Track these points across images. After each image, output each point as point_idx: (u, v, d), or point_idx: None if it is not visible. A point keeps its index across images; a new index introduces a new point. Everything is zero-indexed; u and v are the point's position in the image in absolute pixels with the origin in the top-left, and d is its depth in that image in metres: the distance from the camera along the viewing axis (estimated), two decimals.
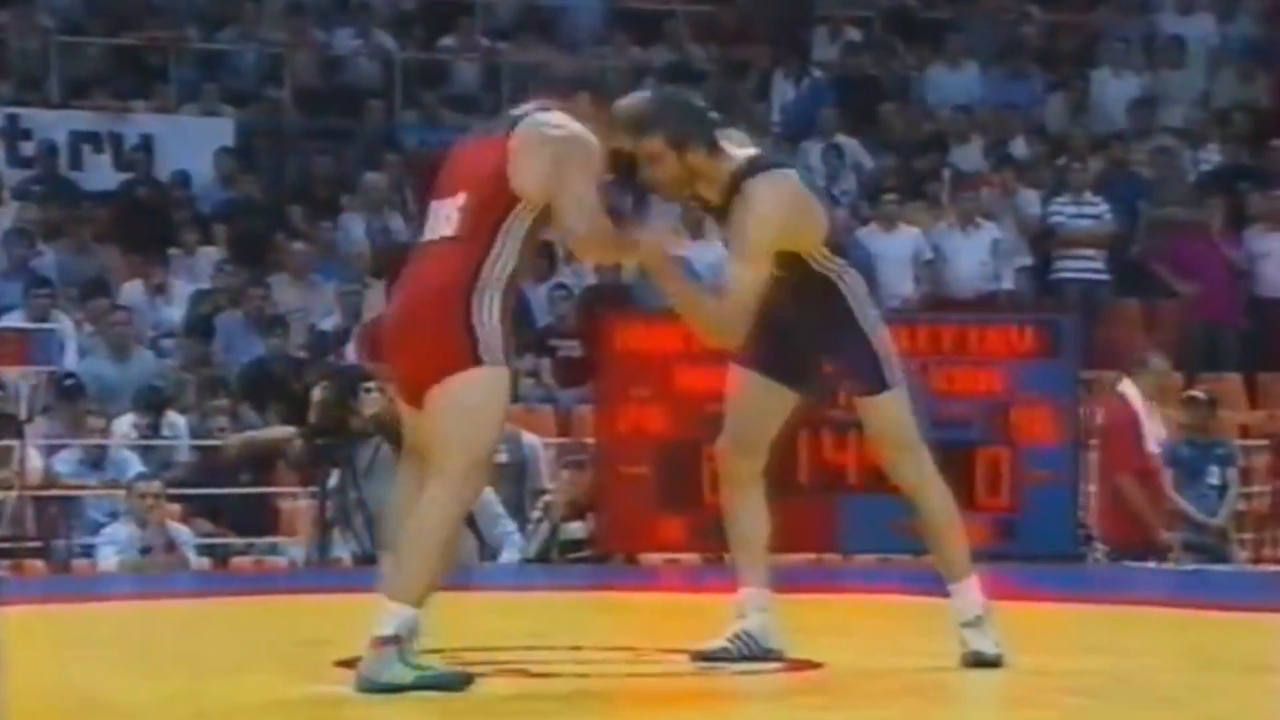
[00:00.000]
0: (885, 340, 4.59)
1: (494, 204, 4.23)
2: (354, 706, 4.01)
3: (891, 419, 4.60)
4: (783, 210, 4.43)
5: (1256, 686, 4.31)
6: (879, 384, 4.59)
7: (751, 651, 4.51)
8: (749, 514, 4.63)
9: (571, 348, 11.08)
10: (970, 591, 4.58)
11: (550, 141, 4.30)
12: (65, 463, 9.51)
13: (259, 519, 9.62)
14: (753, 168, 4.49)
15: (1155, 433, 9.02)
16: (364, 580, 7.54)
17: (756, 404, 4.63)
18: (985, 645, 4.49)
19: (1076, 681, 4.35)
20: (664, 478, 8.34)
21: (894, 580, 7.54)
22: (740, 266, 4.42)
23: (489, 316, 4.15)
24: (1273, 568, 8.37)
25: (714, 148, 4.53)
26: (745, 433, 4.63)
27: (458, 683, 4.13)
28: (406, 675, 4.07)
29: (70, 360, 10.30)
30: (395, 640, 4.09)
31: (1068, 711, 3.87)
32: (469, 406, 4.14)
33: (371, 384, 8.58)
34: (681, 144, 4.50)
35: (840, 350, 4.58)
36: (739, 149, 4.55)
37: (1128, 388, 9.08)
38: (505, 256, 4.21)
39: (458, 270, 4.17)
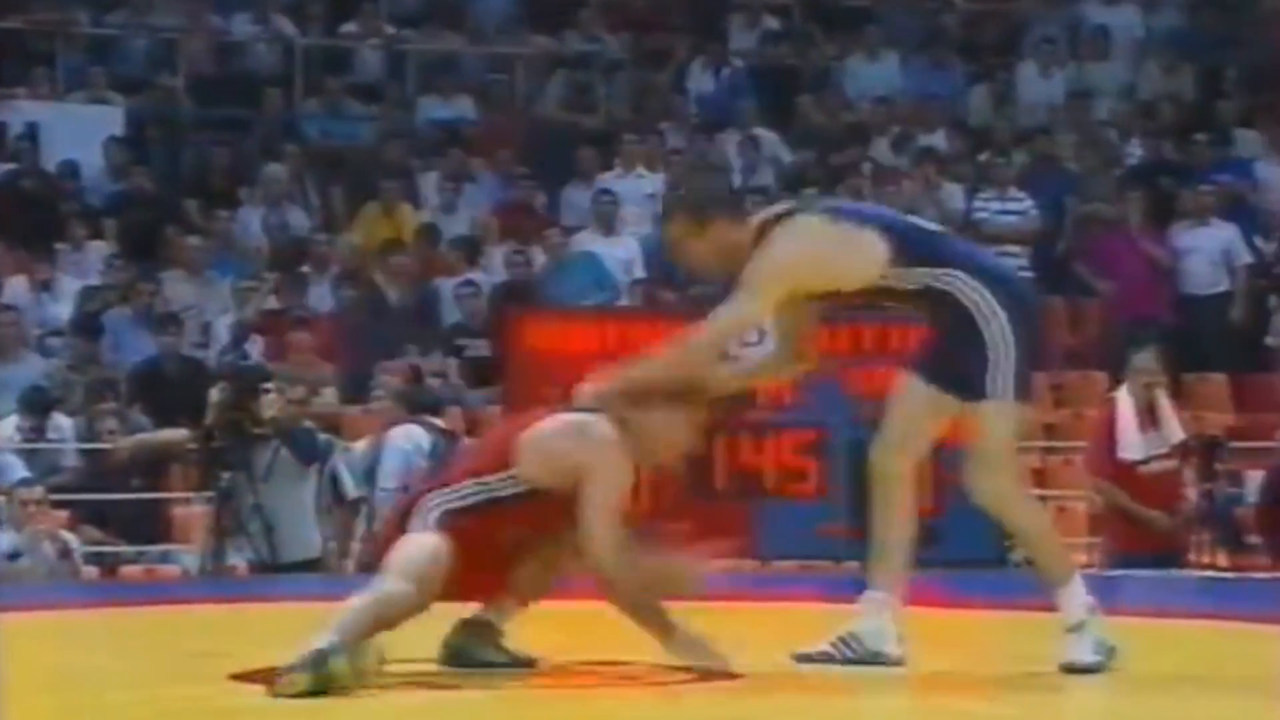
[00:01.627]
0: (1006, 349, 4.56)
1: None
2: (249, 718, 3.97)
3: (982, 430, 4.63)
4: (798, 252, 4.51)
5: (1172, 696, 4.36)
6: (978, 392, 4.60)
7: (857, 655, 4.56)
8: (890, 514, 4.61)
9: (480, 347, 11.05)
10: (1072, 597, 4.57)
11: None
12: None
13: (150, 526, 9.51)
14: (775, 219, 4.58)
15: (1149, 437, 8.94)
16: (260, 590, 7.49)
17: (917, 407, 4.74)
18: (1079, 654, 4.51)
19: (995, 691, 4.38)
20: None
21: (814, 587, 7.56)
22: (736, 298, 4.52)
23: None
24: (1200, 572, 8.48)
25: (736, 216, 4.60)
26: (902, 432, 4.72)
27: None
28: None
29: None
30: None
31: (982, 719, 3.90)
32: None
33: (271, 385, 8.51)
34: (701, 220, 4.56)
35: (958, 353, 4.61)
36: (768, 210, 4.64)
37: (1121, 393, 9.12)
38: None
39: None
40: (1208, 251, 11.82)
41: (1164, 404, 9.09)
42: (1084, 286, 12.14)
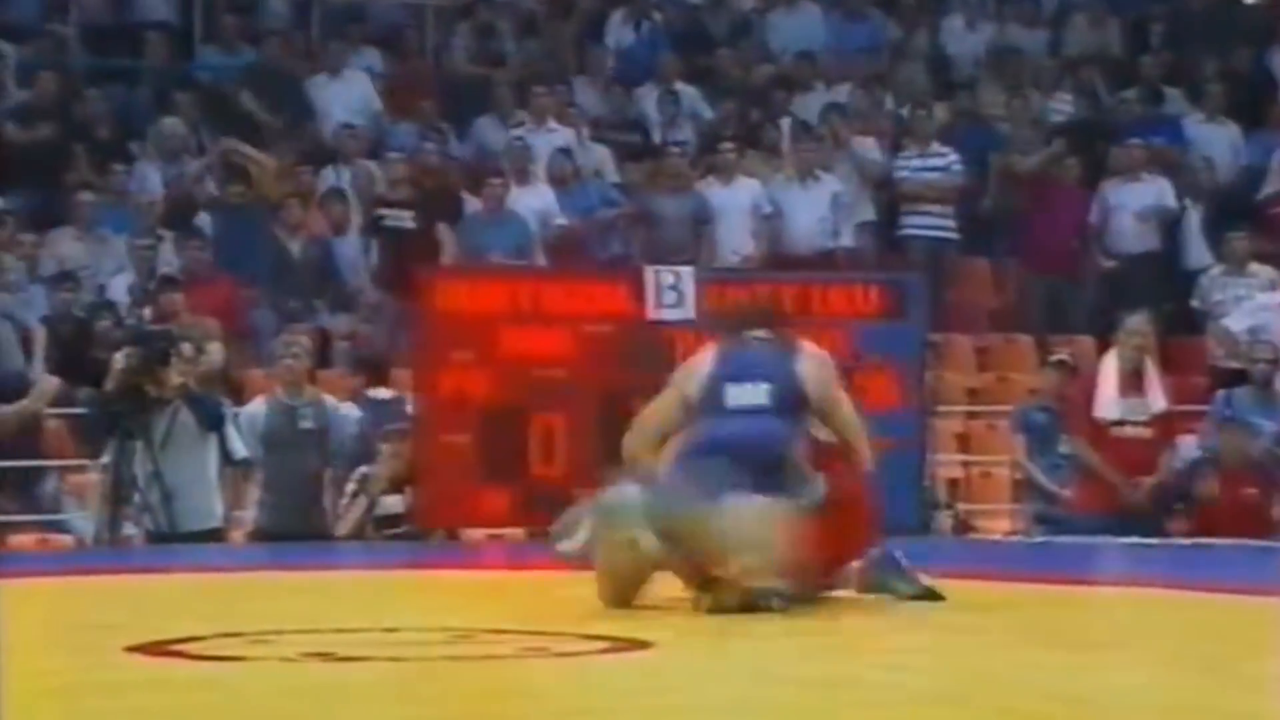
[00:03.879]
0: None
1: None
2: (144, 692, 4.00)
3: None
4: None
5: (1083, 664, 4.48)
6: None
7: None
8: None
9: (386, 305, 11.05)
10: None
11: None
12: None
13: (35, 493, 9.46)
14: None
15: (1129, 401, 9.05)
16: (158, 560, 7.50)
17: None
18: None
19: (903, 658, 4.48)
20: (487, 447, 8.37)
21: None
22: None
23: None
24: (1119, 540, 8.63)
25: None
26: None
27: None
28: None
29: None
30: None
31: (884, 689, 4.00)
32: None
33: (185, 349, 8.49)
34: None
35: None
36: None
37: (1109, 354, 9.23)
38: None
39: None
40: (1137, 208, 11.96)
41: (1151, 371, 9.21)
42: (1010, 246, 12.26)
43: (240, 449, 8.73)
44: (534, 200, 11.52)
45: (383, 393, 9.44)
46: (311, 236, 11.39)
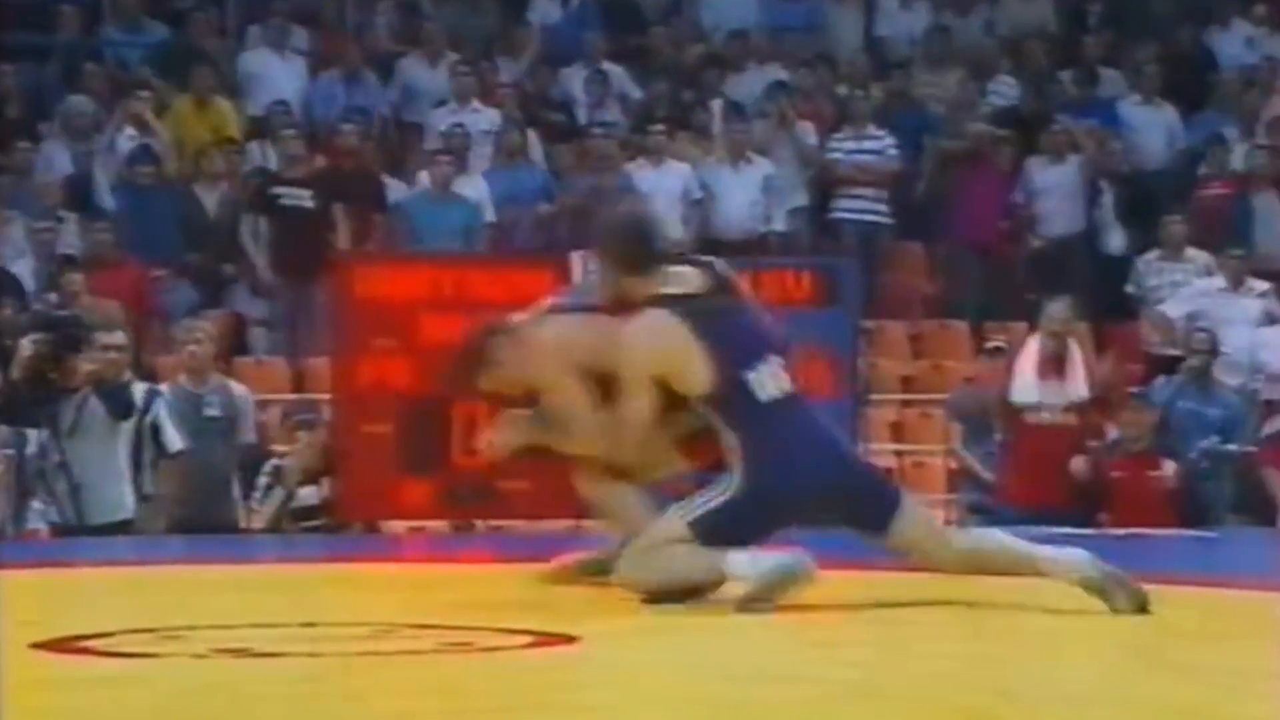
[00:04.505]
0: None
1: None
2: (50, 691, 3.96)
3: None
4: (643, 346, 5.20)
5: (1021, 659, 4.51)
6: None
7: None
8: None
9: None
10: None
11: None
12: None
13: None
14: (649, 301, 5.21)
15: (1048, 385, 9.12)
16: (64, 553, 7.42)
17: None
18: None
19: (843, 651, 4.50)
20: (408, 438, 8.34)
21: None
22: (623, 398, 5.23)
23: None
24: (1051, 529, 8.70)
25: (650, 275, 5.26)
26: None
27: None
28: None
29: None
30: None
31: (823, 683, 4.01)
32: None
33: (97, 337, 8.40)
34: (617, 267, 5.28)
35: None
36: (671, 281, 5.26)
37: (1031, 339, 9.30)
38: None
39: None
40: (1065, 190, 12.04)
41: (1076, 356, 9.28)
42: (942, 231, 12.33)
43: (175, 440, 8.62)
44: (469, 190, 11.51)
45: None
46: (225, 217, 11.33)
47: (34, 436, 8.31)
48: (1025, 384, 9.17)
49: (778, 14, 13.52)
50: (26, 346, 8.28)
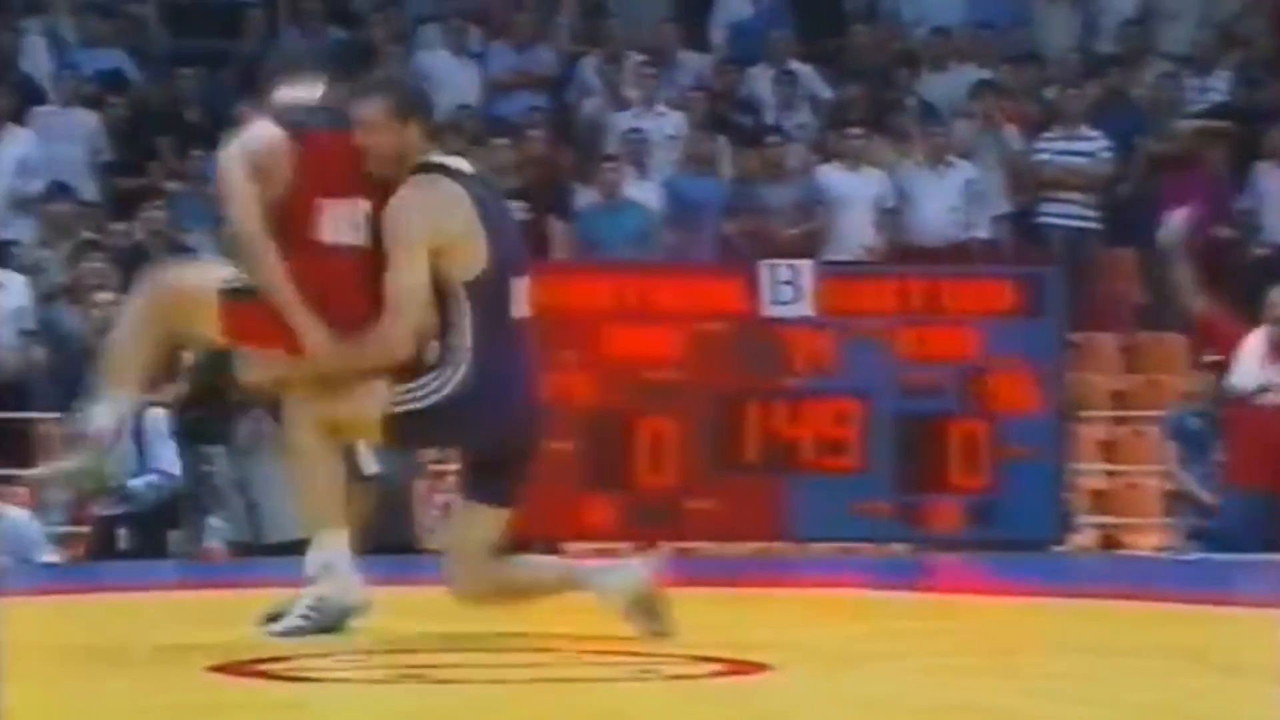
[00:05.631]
0: None
1: None
2: (228, 715, 4.04)
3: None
4: (429, 211, 5.00)
5: (1240, 691, 4.41)
6: None
7: (326, 618, 5.04)
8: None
9: None
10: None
11: None
12: None
13: None
14: (425, 167, 5.05)
15: (1271, 369, 9.04)
16: (241, 574, 7.55)
17: None
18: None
19: (1044, 684, 4.43)
20: (591, 454, 8.39)
21: (853, 572, 7.63)
22: (394, 271, 4.98)
23: None
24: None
25: (432, 134, 5.18)
26: None
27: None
28: None
29: None
30: None
31: (1029, 718, 3.96)
32: None
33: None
34: (406, 117, 5.05)
35: None
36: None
37: (1255, 332, 9.23)
38: None
39: None
40: None
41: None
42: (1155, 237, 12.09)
43: (371, 463, 8.70)
44: (644, 190, 11.54)
45: None
46: None
47: (208, 454, 8.48)
48: (1247, 369, 9.08)
49: (984, 10, 13.36)
50: (189, 357, 8.44)
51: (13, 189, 11.23)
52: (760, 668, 4.57)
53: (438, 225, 4.97)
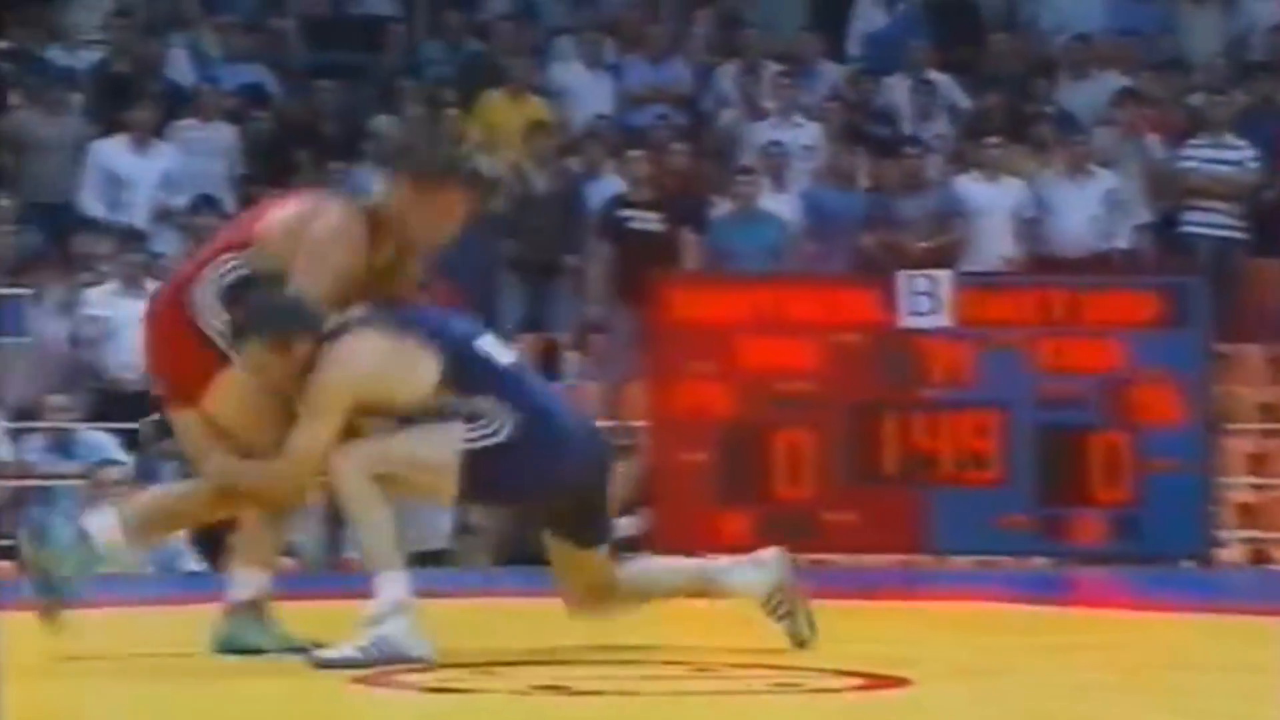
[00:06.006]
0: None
1: None
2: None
3: None
4: (355, 366, 4.94)
5: None
6: None
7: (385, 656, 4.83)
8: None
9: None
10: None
11: None
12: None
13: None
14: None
15: None
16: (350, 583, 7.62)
17: None
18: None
19: (1190, 702, 4.37)
20: (727, 466, 8.39)
21: (994, 585, 7.56)
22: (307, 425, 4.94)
23: None
24: None
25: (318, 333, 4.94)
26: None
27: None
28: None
29: None
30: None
31: None
32: None
33: None
34: (284, 343, 4.90)
35: None
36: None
37: None
38: None
39: None
40: None
41: None
42: None
43: None
44: (785, 209, 11.51)
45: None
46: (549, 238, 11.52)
47: None
48: None
49: (1126, 17, 13.19)
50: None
51: (157, 202, 11.41)
52: (902, 682, 4.54)
53: (368, 377, 4.88)
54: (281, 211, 5.01)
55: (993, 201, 11.50)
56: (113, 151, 11.38)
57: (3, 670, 4.16)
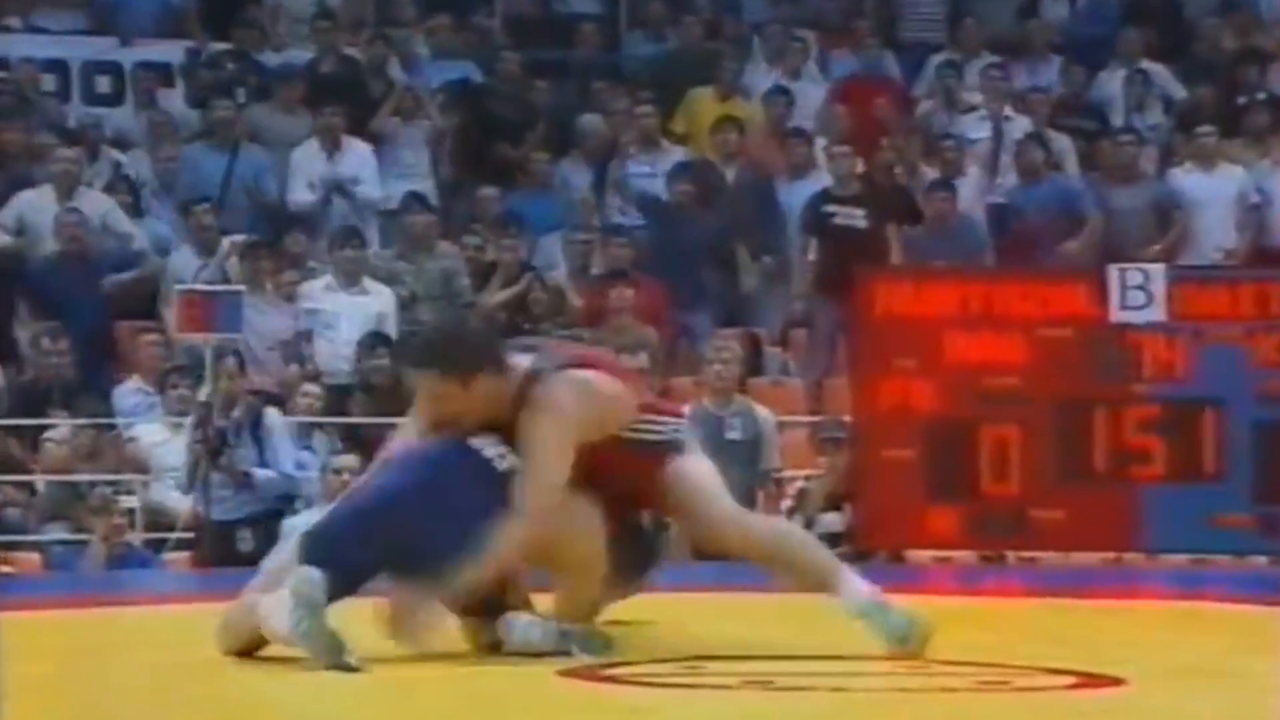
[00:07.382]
0: None
1: None
2: (580, 715, 4.10)
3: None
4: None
5: None
6: None
7: None
8: None
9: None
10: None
11: None
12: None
13: None
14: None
15: None
16: None
17: None
18: None
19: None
20: (933, 463, 8.32)
21: (1209, 585, 7.42)
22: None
23: None
24: None
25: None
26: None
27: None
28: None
29: None
30: None
31: None
32: None
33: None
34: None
35: None
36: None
37: None
38: None
39: None
40: None
41: None
42: None
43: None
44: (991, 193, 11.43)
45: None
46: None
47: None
48: None
49: None
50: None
51: (366, 199, 11.61)
52: (1116, 682, 4.48)
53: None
54: None
55: (1211, 193, 11.29)
56: (323, 149, 11.58)
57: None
